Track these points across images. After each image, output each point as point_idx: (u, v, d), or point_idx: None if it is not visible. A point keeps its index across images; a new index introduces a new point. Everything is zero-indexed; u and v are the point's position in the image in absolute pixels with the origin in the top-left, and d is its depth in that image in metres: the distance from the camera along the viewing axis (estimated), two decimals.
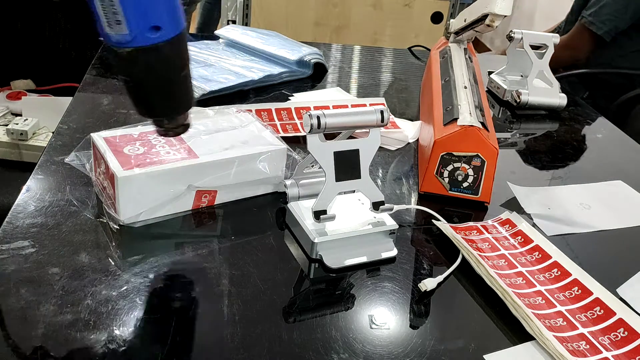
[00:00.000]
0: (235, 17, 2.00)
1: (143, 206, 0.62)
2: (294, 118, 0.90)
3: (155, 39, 0.47)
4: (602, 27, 1.70)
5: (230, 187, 0.67)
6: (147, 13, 0.46)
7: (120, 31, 0.45)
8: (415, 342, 0.52)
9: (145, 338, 0.48)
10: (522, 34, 1.10)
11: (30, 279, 0.53)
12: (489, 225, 0.70)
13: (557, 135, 1.04)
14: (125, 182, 0.60)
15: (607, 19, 1.69)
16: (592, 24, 1.71)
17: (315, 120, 0.57)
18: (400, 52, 1.43)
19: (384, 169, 0.82)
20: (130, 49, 0.46)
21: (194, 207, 0.66)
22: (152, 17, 0.46)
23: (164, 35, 0.47)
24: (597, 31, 1.71)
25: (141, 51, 0.47)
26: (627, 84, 1.74)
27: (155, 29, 0.46)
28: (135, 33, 0.46)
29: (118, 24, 0.45)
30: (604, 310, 0.56)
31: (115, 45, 0.46)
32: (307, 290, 0.57)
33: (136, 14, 0.45)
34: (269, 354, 0.48)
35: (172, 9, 0.48)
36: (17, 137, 1.18)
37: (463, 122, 0.73)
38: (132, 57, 0.47)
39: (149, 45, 0.47)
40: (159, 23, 0.46)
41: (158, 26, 0.46)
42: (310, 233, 0.60)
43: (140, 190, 0.61)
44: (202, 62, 1.09)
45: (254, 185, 0.70)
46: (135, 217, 0.62)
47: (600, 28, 1.70)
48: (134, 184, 0.60)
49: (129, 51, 0.47)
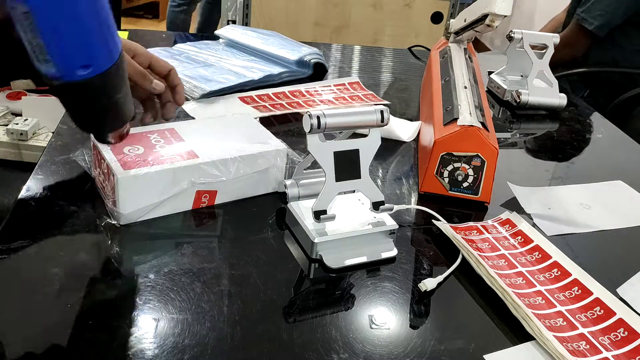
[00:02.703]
0: (235, 17, 2.00)
1: (143, 205, 0.62)
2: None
3: (86, 75, 0.46)
4: (593, 23, 1.71)
5: (230, 186, 0.67)
6: (75, 54, 0.45)
7: (49, 68, 0.44)
8: (415, 342, 0.52)
9: (145, 338, 0.48)
10: (522, 34, 1.10)
11: (30, 279, 0.53)
12: (489, 225, 0.70)
13: (557, 135, 1.04)
14: (125, 182, 0.60)
15: (599, 14, 1.70)
16: (585, 20, 1.72)
17: (315, 120, 0.57)
18: (400, 52, 1.43)
19: (384, 169, 0.82)
20: (59, 83, 0.46)
21: (194, 206, 0.66)
22: (81, 58, 0.45)
23: (95, 70, 0.46)
24: (589, 27, 1.71)
25: (71, 86, 0.46)
26: (628, 82, 1.74)
27: (85, 67, 0.45)
28: (64, 72, 0.45)
29: (46, 62, 0.44)
30: (604, 310, 0.56)
31: (46, 78, 0.46)
32: (307, 290, 0.57)
33: (63, 56, 0.44)
34: (269, 354, 0.48)
35: (104, 42, 0.46)
36: (17, 137, 1.18)
37: (463, 122, 0.73)
38: (62, 90, 0.47)
39: (78, 81, 0.46)
40: (88, 62, 0.45)
41: (88, 64, 0.45)
42: (311, 233, 0.60)
43: (140, 190, 0.61)
44: (202, 62, 1.09)
45: (254, 185, 0.70)
46: (135, 216, 0.62)
47: (592, 23, 1.71)
48: (134, 184, 0.60)
49: (58, 85, 0.46)
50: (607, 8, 1.69)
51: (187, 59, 1.10)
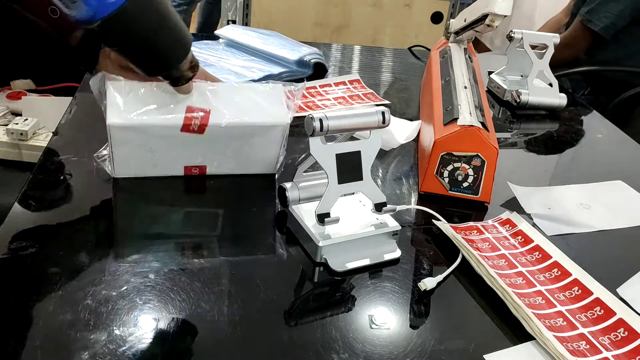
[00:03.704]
0: (235, 17, 2.00)
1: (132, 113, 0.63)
2: None
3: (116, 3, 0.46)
4: (599, 24, 1.70)
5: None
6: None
7: (80, 9, 0.45)
8: (415, 342, 0.52)
9: (145, 338, 0.48)
10: (522, 34, 1.10)
11: (30, 279, 0.53)
12: (489, 225, 0.70)
13: (557, 135, 1.04)
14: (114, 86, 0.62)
15: (605, 16, 1.69)
16: (590, 21, 1.71)
17: (318, 123, 0.57)
18: (400, 52, 1.43)
19: (384, 169, 0.82)
20: (98, 21, 0.46)
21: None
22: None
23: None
24: (595, 28, 1.70)
25: (109, 20, 0.47)
26: (630, 81, 1.74)
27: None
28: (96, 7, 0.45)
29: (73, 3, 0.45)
30: (604, 310, 0.56)
31: (85, 24, 0.46)
32: (307, 290, 0.57)
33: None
34: (269, 354, 0.48)
35: None
36: (17, 137, 1.18)
37: (463, 122, 0.73)
38: (105, 29, 0.47)
39: (114, 12, 0.46)
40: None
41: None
42: (315, 236, 0.60)
43: (128, 94, 0.63)
44: (202, 62, 1.08)
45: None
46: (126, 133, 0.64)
47: (597, 25, 1.70)
48: (121, 87, 0.62)
49: (99, 24, 0.46)
50: (614, 10, 1.68)
51: None
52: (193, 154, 0.70)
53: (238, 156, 0.71)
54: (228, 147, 0.70)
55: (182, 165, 0.70)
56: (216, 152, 0.70)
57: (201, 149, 0.69)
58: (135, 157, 0.68)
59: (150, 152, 0.67)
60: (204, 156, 0.70)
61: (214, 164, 0.71)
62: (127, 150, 0.66)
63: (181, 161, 0.70)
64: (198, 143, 0.68)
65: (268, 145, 0.71)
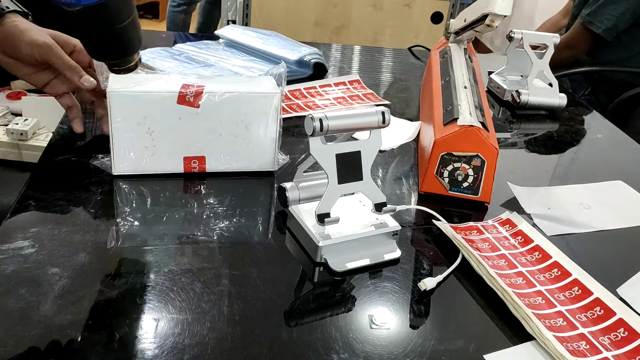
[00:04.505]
0: (235, 17, 2.00)
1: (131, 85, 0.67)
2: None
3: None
4: (600, 26, 1.69)
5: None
6: None
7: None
8: (415, 342, 0.52)
9: (145, 338, 0.48)
10: (522, 34, 1.10)
11: (30, 279, 0.53)
12: (489, 225, 0.70)
13: (557, 135, 1.04)
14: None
15: (606, 18, 1.69)
16: (591, 23, 1.71)
17: (318, 123, 0.57)
18: (400, 52, 1.43)
19: (384, 169, 0.82)
20: (80, 7, 0.49)
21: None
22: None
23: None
24: (596, 30, 1.70)
25: (90, 8, 0.50)
26: (631, 81, 1.74)
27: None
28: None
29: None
30: (604, 310, 0.56)
31: (65, 5, 0.49)
32: (307, 290, 0.57)
33: None
34: (269, 354, 0.48)
35: None
36: (17, 137, 1.18)
37: (463, 122, 0.73)
38: (82, 15, 0.50)
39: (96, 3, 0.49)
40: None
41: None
42: (314, 236, 0.60)
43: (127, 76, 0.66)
44: (202, 62, 1.09)
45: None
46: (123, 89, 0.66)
47: (599, 27, 1.70)
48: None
49: (79, 9, 0.49)
50: (615, 12, 1.67)
51: (187, 59, 1.10)
52: (191, 137, 0.71)
53: (235, 140, 0.72)
54: (223, 126, 0.71)
55: (182, 157, 0.71)
56: (214, 134, 0.71)
57: (198, 130, 0.70)
58: (133, 141, 0.69)
59: (149, 135, 0.69)
60: (201, 140, 0.71)
61: (213, 152, 0.72)
62: (126, 128, 0.68)
63: (180, 149, 0.71)
64: (195, 123, 0.70)
65: (263, 120, 0.72)
